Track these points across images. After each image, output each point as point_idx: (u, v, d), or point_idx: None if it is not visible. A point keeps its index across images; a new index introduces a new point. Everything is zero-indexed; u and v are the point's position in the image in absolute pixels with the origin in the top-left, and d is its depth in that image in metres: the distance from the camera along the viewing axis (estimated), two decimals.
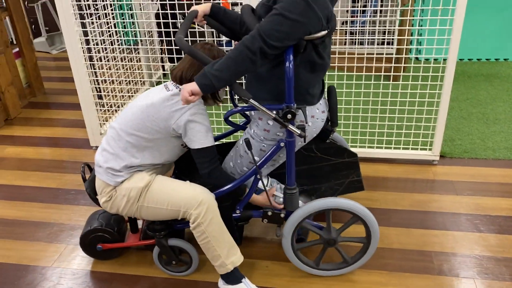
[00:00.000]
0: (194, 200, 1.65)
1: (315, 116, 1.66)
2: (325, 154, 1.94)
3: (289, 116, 1.52)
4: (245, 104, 1.57)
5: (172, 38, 2.66)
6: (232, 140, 2.30)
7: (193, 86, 1.45)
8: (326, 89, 1.80)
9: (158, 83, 3.75)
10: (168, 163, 1.79)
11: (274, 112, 1.55)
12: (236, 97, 2.02)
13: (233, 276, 1.76)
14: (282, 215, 1.79)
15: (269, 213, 1.79)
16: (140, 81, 3.54)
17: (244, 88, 1.81)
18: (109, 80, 3.06)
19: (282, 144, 1.65)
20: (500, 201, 2.29)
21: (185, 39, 1.51)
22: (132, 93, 3.38)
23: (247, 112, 1.95)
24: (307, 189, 1.96)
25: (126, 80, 3.24)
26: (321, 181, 1.99)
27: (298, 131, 1.55)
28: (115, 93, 3.11)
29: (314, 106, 1.65)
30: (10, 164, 2.82)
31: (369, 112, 2.73)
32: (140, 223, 2.04)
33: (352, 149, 2.65)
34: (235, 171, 1.80)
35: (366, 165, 2.62)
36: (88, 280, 1.92)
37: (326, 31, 1.48)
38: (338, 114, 2.74)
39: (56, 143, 3.06)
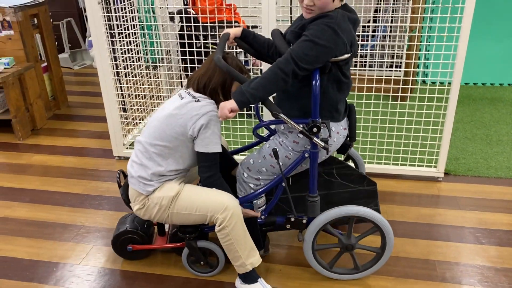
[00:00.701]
0: (220, 206, 1.78)
1: (339, 132, 1.83)
2: (346, 180, 2.03)
3: (314, 129, 1.67)
4: (271, 118, 1.73)
5: (188, 57, 2.85)
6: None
7: (232, 104, 1.62)
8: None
9: None
10: (192, 167, 1.94)
11: (301, 125, 1.70)
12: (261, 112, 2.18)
13: (250, 276, 1.90)
14: (304, 221, 1.92)
15: (292, 219, 1.93)
16: (160, 96, 3.74)
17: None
18: (132, 94, 3.25)
19: (306, 155, 1.80)
20: (501, 216, 2.42)
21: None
22: (153, 107, 3.56)
23: (271, 126, 2.11)
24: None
25: (148, 95, 3.43)
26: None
27: (322, 144, 1.69)
28: (138, 107, 3.30)
29: (339, 123, 1.81)
30: (37, 171, 3.00)
31: (377, 130, 2.88)
32: (166, 227, 2.20)
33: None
34: (252, 168, 1.93)
35: (375, 179, 2.75)
36: (113, 278, 2.07)
37: (349, 54, 1.66)
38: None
39: (80, 152, 3.24)
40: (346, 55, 1.65)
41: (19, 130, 3.40)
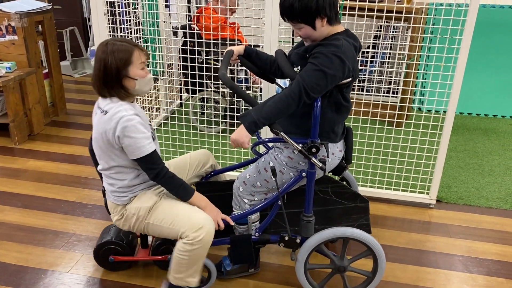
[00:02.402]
0: (196, 224, 1.75)
1: (335, 153, 1.86)
2: (340, 198, 2.06)
3: (313, 149, 1.70)
4: (270, 135, 1.76)
5: (189, 71, 2.89)
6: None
7: (247, 136, 1.66)
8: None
9: (177, 112, 3.97)
10: None
11: (300, 145, 1.73)
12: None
13: None
14: (298, 241, 1.93)
15: (286, 238, 1.93)
16: (158, 108, 3.76)
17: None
18: None
19: (304, 175, 1.83)
20: (490, 246, 2.44)
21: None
22: (151, 119, 3.59)
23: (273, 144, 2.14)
24: (318, 229, 2.00)
25: (146, 107, 3.46)
26: (332, 222, 2.10)
27: (320, 164, 1.72)
28: None
29: (335, 144, 1.84)
30: (31, 176, 3.00)
31: (372, 154, 2.91)
32: (150, 239, 2.19)
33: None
34: (248, 182, 1.95)
35: None
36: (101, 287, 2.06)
37: (351, 78, 1.71)
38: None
39: (75, 160, 3.24)
40: (348, 79, 1.70)
41: (16, 134, 3.40)
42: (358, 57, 1.85)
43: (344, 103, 1.78)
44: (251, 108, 1.70)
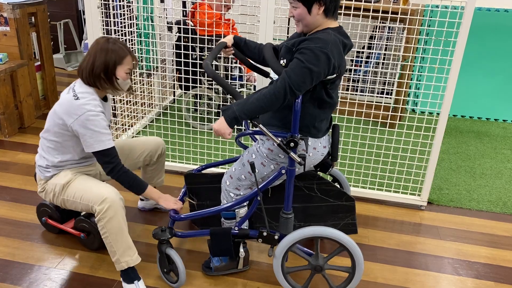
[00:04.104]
0: (99, 197, 1.88)
1: (316, 148, 1.85)
2: (325, 195, 2.06)
3: (291, 144, 1.70)
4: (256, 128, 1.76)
5: (183, 67, 2.87)
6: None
7: (228, 129, 1.67)
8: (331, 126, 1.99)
9: (170, 108, 3.94)
10: (90, 158, 2.08)
11: (280, 139, 1.73)
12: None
13: (128, 276, 1.95)
14: (276, 237, 1.92)
15: (264, 233, 1.93)
16: (151, 104, 3.74)
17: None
18: (124, 100, 3.24)
19: (283, 171, 1.82)
20: (480, 249, 2.45)
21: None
22: (143, 114, 3.56)
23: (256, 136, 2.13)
24: (303, 226, 2.03)
25: (139, 102, 3.43)
26: (318, 220, 2.11)
27: (299, 159, 1.72)
28: (128, 113, 3.30)
29: (318, 139, 1.83)
30: (20, 170, 2.96)
31: (365, 154, 2.91)
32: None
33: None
34: (233, 175, 1.96)
35: (359, 203, 2.78)
36: (88, 284, 2.03)
37: (335, 75, 1.70)
38: (338, 154, 2.93)
39: None
40: (332, 76, 1.69)
41: (6, 127, 3.36)
42: (352, 57, 1.84)
43: (327, 100, 1.77)
44: (235, 101, 1.71)
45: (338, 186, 2.40)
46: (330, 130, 1.96)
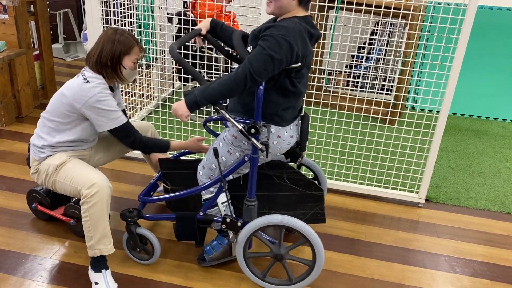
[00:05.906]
0: (88, 181, 1.88)
1: (282, 137, 1.84)
2: (294, 184, 2.06)
3: (252, 130, 1.70)
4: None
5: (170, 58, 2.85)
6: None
7: (187, 111, 1.69)
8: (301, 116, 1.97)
9: (169, 100, 3.92)
10: (89, 139, 2.06)
11: (242, 125, 1.72)
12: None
13: (98, 264, 1.94)
14: (239, 224, 1.92)
15: (228, 220, 1.93)
16: (150, 95, 3.72)
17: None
18: (123, 91, 3.22)
19: (246, 159, 1.83)
20: (476, 247, 2.44)
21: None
22: (142, 105, 3.54)
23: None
24: (274, 214, 2.01)
25: (138, 93, 3.41)
26: (287, 208, 2.11)
27: (260, 146, 1.72)
28: (127, 104, 3.27)
29: (283, 128, 1.82)
30: (17, 159, 2.94)
31: (363, 151, 2.90)
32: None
33: (345, 184, 2.81)
34: (205, 165, 1.96)
35: (356, 200, 2.77)
36: (84, 275, 2.02)
37: (300, 64, 1.69)
38: (335, 148, 2.91)
39: None
40: (296, 65, 1.69)
41: (3, 116, 3.34)
42: (354, 53, 1.83)
43: (291, 89, 1.76)
44: (198, 86, 1.71)
45: (314, 177, 2.38)
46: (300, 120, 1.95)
